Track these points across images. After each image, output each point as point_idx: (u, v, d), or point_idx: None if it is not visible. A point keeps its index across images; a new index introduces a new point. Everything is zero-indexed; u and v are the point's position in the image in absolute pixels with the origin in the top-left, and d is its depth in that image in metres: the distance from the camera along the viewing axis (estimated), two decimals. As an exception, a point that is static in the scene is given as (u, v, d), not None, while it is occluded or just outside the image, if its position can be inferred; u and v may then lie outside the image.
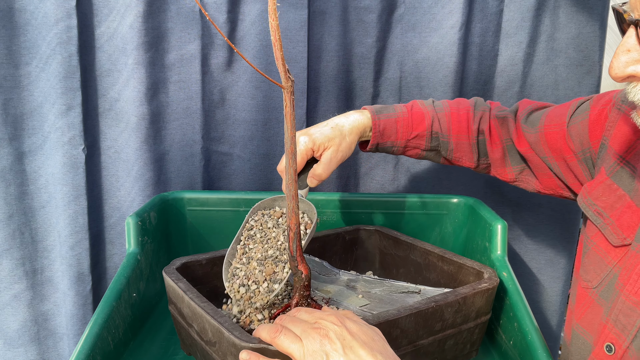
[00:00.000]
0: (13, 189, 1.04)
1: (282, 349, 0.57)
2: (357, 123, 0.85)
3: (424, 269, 0.90)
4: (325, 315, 0.58)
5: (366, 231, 0.99)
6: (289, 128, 0.61)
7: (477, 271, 0.81)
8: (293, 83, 0.61)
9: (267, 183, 1.16)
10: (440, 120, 0.88)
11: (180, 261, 0.79)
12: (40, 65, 1.01)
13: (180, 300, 0.71)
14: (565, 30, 1.14)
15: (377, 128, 0.86)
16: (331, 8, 1.09)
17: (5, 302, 1.07)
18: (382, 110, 0.88)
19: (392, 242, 0.96)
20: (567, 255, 1.25)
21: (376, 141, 0.87)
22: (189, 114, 1.10)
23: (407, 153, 0.91)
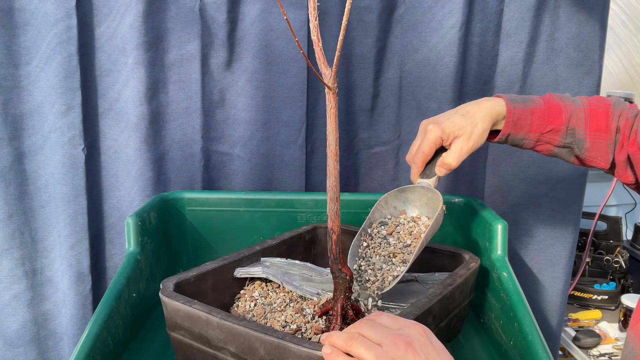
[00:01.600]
0: (13, 188, 1.04)
1: (357, 356, 0.53)
2: (490, 110, 0.80)
3: None
4: (409, 323, 0.55)
5: (323, 228, 0.98)
6: (333, 130, 0.61)
7: (451, 253, 0.84)
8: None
9: (267, 183, 1.16)
10: (578, 116, 0.82)
11: (172, 282, 0.72)
12: (40, 65, 1.01)
13: (204, 323, 0.65)
14: (566, 30, 1.14)
15: (511, 117, 0.81)
16: (331, 8, 1.09)
17: (5, 302, 1.07)
18: (517, 99, 0.82)
19: (352, 236, 0.94)
20: (567, 255, 1.25)
21: (508, 131, 0.82)
22: (189, 114, 1.10)
23: (537, 148, 0.85)
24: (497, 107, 0.81)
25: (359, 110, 1.17)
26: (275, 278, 0.80)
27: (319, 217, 1.03)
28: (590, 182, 1.31)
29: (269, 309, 0.77)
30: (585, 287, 1.70)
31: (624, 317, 1.54)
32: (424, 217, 0.82)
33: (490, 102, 0.81)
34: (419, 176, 0.83)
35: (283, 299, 0.79)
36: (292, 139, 1.14)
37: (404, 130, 1.18)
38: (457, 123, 0.79)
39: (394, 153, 1.20)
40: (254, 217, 1.03)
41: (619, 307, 1.60)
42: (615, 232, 1.77)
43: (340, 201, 0.64)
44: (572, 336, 1.50)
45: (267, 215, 1.03)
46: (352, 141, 1.19)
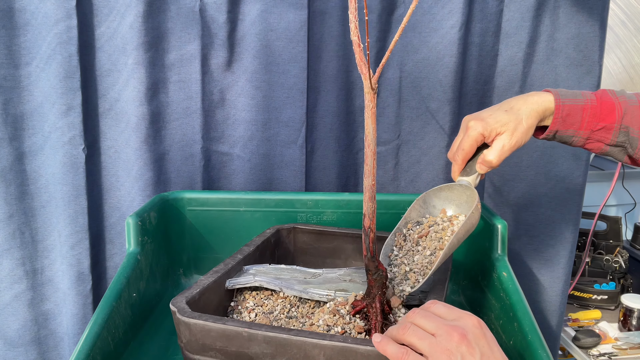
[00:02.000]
0: (13, 189, 1.04)
1: (410, 345, 0.53)
2: (537, 106, 0.77)
3: (359, 251, 0.91)
4: (463, 315, 0.54)
5: (285, 230, 0.97)
6: (373, 129, 0.63)
7: None
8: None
9: (267, 183, 1.16)
10: (633, 114, 0.78)
11: (183, 301, 0.67)
12: (41, 65, 1.01)
13: (245, 340, 0.60)
14: (565, 30, 1.14)
15: (560, 113, 0.78)
16: (331, 8, 1.10)
17: (6, 302, 1.07)
18: (567, 94, 0.79)
19: (314, 236, 0.94)
20: (567, 255, 1.25)
21: (556, 128, 0.79)
22: (189, 114, 1.10)
23: (587, 146, 0.81)
24: (545, 102, 0.78)
25: (359, 110, 1.18)
26: (272, 285, 0.80)
27: (318, 217, 1.04)
28: (590, 182, 1.31)
29: (273, 317, 0.76)
30: (585, 287, 1.70)
31: (624, 317, 1.54)
32: (462, 216, 0.80)
33: (538, 97, 0.78)
34: (459, 174, 0.82)
35: (282, 305, 0.78)
36: (292, 139, 1.14)
37: (403, 130, 1.19)
38: (500, 119, 0.76)
39: (394, 153, 1.20)
40: (254, 217, 1.03)
41: (619, 307, 1.60)
42: (615, 232, 1.77)
43: (375, 200, 0.66)
44: (571, 336, 1.50)
45: (267, 215, 1.03)
46: (352, 141, 1.20)
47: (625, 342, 1.46)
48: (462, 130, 0.81)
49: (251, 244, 0.89)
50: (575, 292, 1.71)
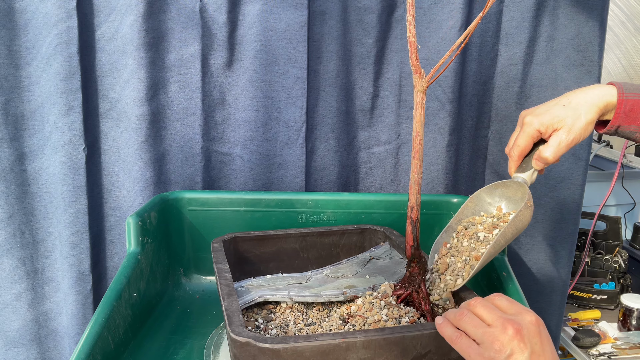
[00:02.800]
0: (14, 189, 1.04)
1: (464, 331, 0.55)
2: (598, 100, 0.74)
3: (307, 250, 0.92)
4: (523, 311, 0.55)
5: (226, 241, 0.91)
6: (421, 126, 0.73)
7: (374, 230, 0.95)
8: None
9: (267, 183, 1.16)
10: None
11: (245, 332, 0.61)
12: (41, 65, 1.01)
13: (343, 351, 0.58)
14: (565, 30, 1.15)
15: (623, 108, 0.74)
16: (331, 8, 1.10)
17: (7, 302, 1.08)
18: (632, 88, 0.75)
19: (255, 242, 0.92)
20: (567, 255, 1.25)
21: (618, 123, 0.76)
22: (189, 114, 1.10)
23: None
24: (607, 96, 0.75)
25: (359, 110, 1.18)
26: (278, 297, 0.78)
27: (319, 217, 1.04)
28: (590, 182, 1.32)
29: (296, 328, 0.74)
30: (584, 286, 1.70)
31: (623, 317, 1.54)
32: (514, 213, 0.80)
33: (599, 91, 0.75)
34: (515, 170, 0.81)
35: (294, 315, 0.77)
36: (292, 139, 1.14)
37: (403, 130, 1.19)
38: (557, 115, 0.74)
39: (394, 153, 1.20)
40: (254, 217, 1.03)
41: (619, 306, 1.60)
42: (615, 232, 1.77)
43: (420, 194, 0.73)
44: (571, 336, 1.50)
45: (267, 215, 1.03)
46: (352, 141, 1.20)
47: (624, 342, 1.46)
48: (518, 126, 0.79)
49: (221, 260, 0.84)
50: (575, 292, 1.71)
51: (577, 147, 1.20)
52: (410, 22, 0.63)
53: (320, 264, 0.94)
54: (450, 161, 1.18)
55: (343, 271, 0.89)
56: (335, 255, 0.96)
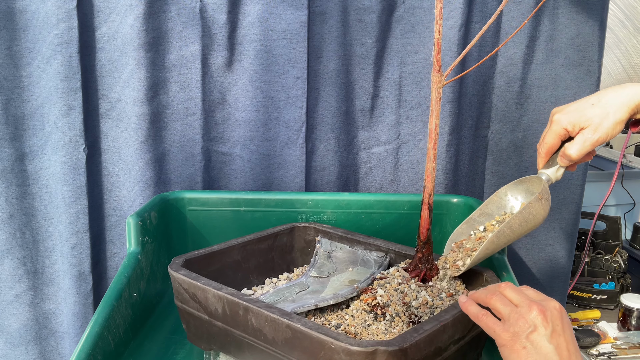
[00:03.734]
0: (14, 189, 1.04)
1: (493, 308, 0.60)
2: (629, 99, 0.74)
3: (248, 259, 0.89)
4: (549, 299, 0.59)
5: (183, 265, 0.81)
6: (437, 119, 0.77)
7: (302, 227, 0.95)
8: None
9: (268, 183, 1.16)
10: None
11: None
12: (42, 65, 1.01)
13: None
14: (565, 30, 1.15)
15: None
16: (331, 8, 1.10)
17: (7, 301, 1.08)
18: None
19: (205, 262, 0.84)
20: (567, 255, 1.25)
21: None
22: (190, 114, 1.10)
23: None
24: (639, 95, 0.74)
25: (359, 110, 1.18)
26: (305, 308, 0.75)
27: (319, 217, 1.04)
28: (590, 182, 1.32)
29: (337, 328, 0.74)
30: (584, 286, 1.70)
31: (623, 317, 1.54)
32: None
33: (633, 90, 0.74)
34: (542, 166, 0.82)
35: (318, 320, 0.76)
36: (292, 139, 1.14)
37: (403, 130, 1.19)
38: (585, 113, 0.74)
39: (394, 153, 1.20)
40: (254, 217, 1.03)
41: (618, 306, 1.60)
42: (614, 232, 1.77)
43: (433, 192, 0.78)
44: (571, 336, 1.50)
45: (267, 215, 1.03)
46: (352, 141, 1.20)
47: (624, 342, 1.46)
48: (549, 123, 0.80)
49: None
50: (575, 291, 1.71)
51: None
52: (439, 25, 0.72)
53: (260, 272, 0.90)
54: (450, 161, 1.19)
55: (325, 269, 0.88)
56: (271, 259, 0.92)
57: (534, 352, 0.55)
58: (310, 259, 0.95)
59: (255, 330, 0.66)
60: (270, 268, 0.92)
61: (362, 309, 0.75)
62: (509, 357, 0.57)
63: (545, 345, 0.55)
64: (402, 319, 0.72)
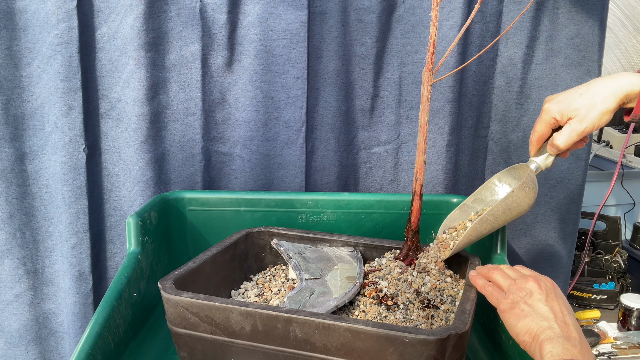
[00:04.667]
0: (14, 189, 1.04)
1: (494, 280, 0.69)
2: (617, 90, 0.75)
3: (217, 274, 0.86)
4: (542, 276, 0.67)
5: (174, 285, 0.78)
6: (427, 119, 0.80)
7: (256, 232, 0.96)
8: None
9: (268, 183, 1.16)
10: None
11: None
12: (42, 65, 1.01)
13: None
14: (565, 30, 1.15)
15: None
16: (331, 9, 1.10)
17: (7, 301, 1.08)
18: None
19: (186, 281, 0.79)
20: (567, 254, 1.25)
21: (639, 113, 0.76)
22: (190, 114, 1.10)
23: None
24: (629, 85, 0.75)
25: (359, 110, 1.18)
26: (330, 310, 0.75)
27: (319, 217, 1.04)
28: (590, 182, 1.32)
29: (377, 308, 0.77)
30: (584, 286, 1.70)
31: (623, 317, 1.54)
32: None
33: (622, 80, 0.75)
34: (534, 154, 0.85)
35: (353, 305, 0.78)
36: (292, 139, 1.14)
37: (403, 130, 1.19)
38: (572, 104, 0.76)
39: (394, 153, 1.20)
40: (254, 217, 1.03)
41: (618, 306, 1.60)
42: (614, 232, 1.77)
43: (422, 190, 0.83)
44: (571, 336, 1.50)
45: (267, 215, 1.03)
46: (352, 141, 1.20)
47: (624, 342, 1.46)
48: (541, 112, 0.83)
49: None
50: (575, 291, 1.71)
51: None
52: (434, 24, 0.73)
53: (227, 284, 0.88)
54: (450, 161, 1.19)
55: (312, 270, 0.87)
56: (232, 270, 0.90)
57: (531, 312, 0.61)
58: (264, 264, 0.96)
59: (300, 341, 0.65)
60: (233, 279, 0.90)
61: (370, 302, 0.76)
62: (509, 320, 0.63)
63: (541, 306, 0.61)
64: (415, 305, 0.76)
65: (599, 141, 2.25)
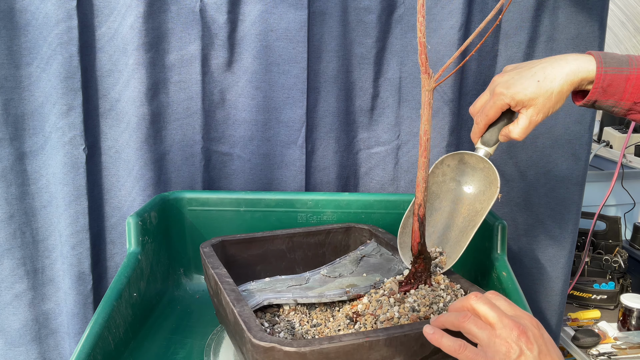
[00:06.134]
0: (14, 189, 1.04)
1: (468, 334, 0.54)
2: (574, 76, 0.72)
3: (294, 251, 0.92)
4: (523, 314, 0.55)
5: (214, 245, 0.87)
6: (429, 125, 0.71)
7: (359, 228, 0.97)
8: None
9: (267, 183, 1.16)
10: None
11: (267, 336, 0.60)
12: (42, 65, 1.01)
13: (366, 350, 0.58)
14: (565, 30, 1.15)
15: (601, 83, 0.72)
16: (331, 8, 1.10)
17: (7, 301, 1.08)
18: (611, 62, 0.72)
19: (243, 245, 0.90)
20: (566, 255, 1.25)
21: (595, 97, 0.74)
22: (189, 114, 1.10)
23: (630, 116, 0.76)
24: (583, 71, 0.72)
25: (359, 110, 1.18)
26: (283, 300, 0.77)
27: (319, 217, 1.04)
28: (590, 182, 1.32)
29: (303, 331, 0.73)
30: (584, 286, 1.70)
31: (623, 317, 1.54)
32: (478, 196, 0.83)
33: (577, 64, 0.73)
34: (479, 137, 0.82)
35: (299, 317, 0.77)
36: (292, 139, 1.14)
37: (403, 130, 1.19)
38: (529, 92, 0.73)
39: (394, 153, 1.20)
40: (254, 217, 1.03)
41: (618, 306, 1.60)
42: (614, 232, 1.77)
43: (427, 191, 0.74)
44: (571, 336, 1.50)
45: (267, 215, 1.03)
46: (352, 141, 1.20)
47: (624, 342, 1.46)
48: (489, 91, 0.78)
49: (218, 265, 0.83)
50: (575, 291, 1.71)
51: (577, 147, 1.20)
52: (420, 23, 0.64)
53: (307, 264, 0.93)
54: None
55: (340, 270, 0.89)
56: (321, 254, 0.95)
57: None
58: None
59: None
60: (321, 262, 0.94)
61: (346, 314, 0.75)
62: None
63: None
64: (367, 329, 0.70)
65: (599, 141, 2.25)
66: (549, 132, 1.19)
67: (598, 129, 2.30)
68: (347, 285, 0.83)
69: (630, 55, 0.74)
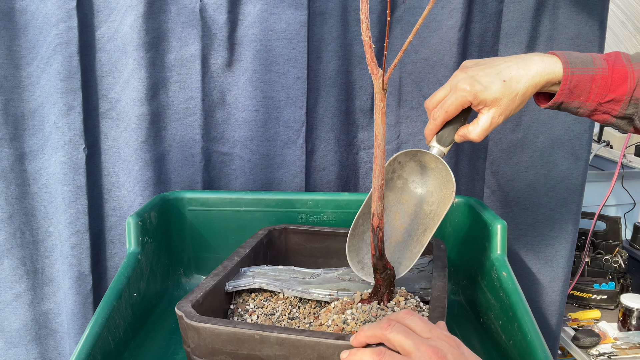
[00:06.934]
0: (14, 189, 1.04)
1: (388, 341, 0.51)
2: (539, 78, 0.71)
3: None
4: (440, 334, 0.52)
5: (277, 231, 0.96)
6: (383, 129, 0.62)
7: None
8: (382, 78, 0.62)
9: (267, 183, 1.16)
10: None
11: (189, 305, 0.65)
12: (41, 65, 1.01)
13: (257, 342, 0.60)
14: (565, 30, 1.15)
15: (568, 84, 0.70)
16: (331, 8, 1.10)
17: (7, 301, 1.08)
18: (577, 62, 0.71)
19: (305, 236, 0.97)
20: (567, 255, 1.25)
21: (561, 99, 0.72)
22: (189, 114, 1.10)
23: (593, 117, 0.75)
24: (549, 73, 0.71)
25: (359, 110, 1.18)
26: (271, 287, 0.80)
27: (318, 217, 1.04)
28: (590, 182, 1.32)
29: (275, 319, 0.76)
30: (584, 286, 1.70)
31: (623, 317, 1.54)
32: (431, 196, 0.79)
33: (543, 65, 0.71)
34: (434, 134, 0.78)
35: (284, 307, 0.78)
36: (292, 139, 1.14)
37: (403, 130, 1.19)
38: (493, 92, 0.70)
39: (394, 153, 1.19)
40: (254, 217, 1.03)
41: (618, 306, 1.60)
42: (615, 232, 1.77)
43: (383, 199, 0.66)
44: (571, 336, 1.50)
45: (267, 215, 1.03)
46: (351, 141, 1.20)
47: (624, 342, 1.46)
48: (449, 85, 0.74)
49: (246, 246, 0.88)
50: (575, 291, 1.71)
51: (577, 147, 1.20)
52: (363, 22, 0.59)
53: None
54: (450, 161, 1.19)
55: (354, 274, 0.88)
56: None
57: None
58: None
59: None
60: None
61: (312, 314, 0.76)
62: None
63: None
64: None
65: (599, 141, 2.25)
66: (549, 132, 1.19)
67: (598, 129, 2.30)
68: (342, 288, 0.83)
69: (593, 54, 0.72)
